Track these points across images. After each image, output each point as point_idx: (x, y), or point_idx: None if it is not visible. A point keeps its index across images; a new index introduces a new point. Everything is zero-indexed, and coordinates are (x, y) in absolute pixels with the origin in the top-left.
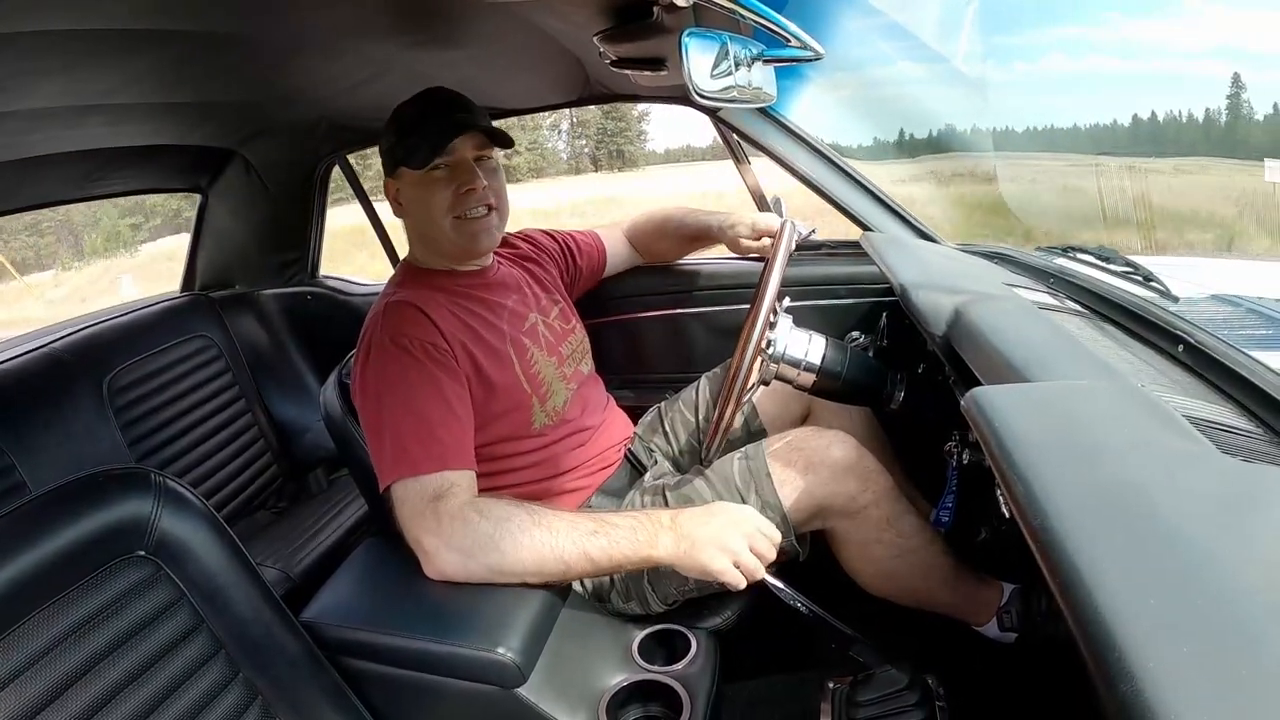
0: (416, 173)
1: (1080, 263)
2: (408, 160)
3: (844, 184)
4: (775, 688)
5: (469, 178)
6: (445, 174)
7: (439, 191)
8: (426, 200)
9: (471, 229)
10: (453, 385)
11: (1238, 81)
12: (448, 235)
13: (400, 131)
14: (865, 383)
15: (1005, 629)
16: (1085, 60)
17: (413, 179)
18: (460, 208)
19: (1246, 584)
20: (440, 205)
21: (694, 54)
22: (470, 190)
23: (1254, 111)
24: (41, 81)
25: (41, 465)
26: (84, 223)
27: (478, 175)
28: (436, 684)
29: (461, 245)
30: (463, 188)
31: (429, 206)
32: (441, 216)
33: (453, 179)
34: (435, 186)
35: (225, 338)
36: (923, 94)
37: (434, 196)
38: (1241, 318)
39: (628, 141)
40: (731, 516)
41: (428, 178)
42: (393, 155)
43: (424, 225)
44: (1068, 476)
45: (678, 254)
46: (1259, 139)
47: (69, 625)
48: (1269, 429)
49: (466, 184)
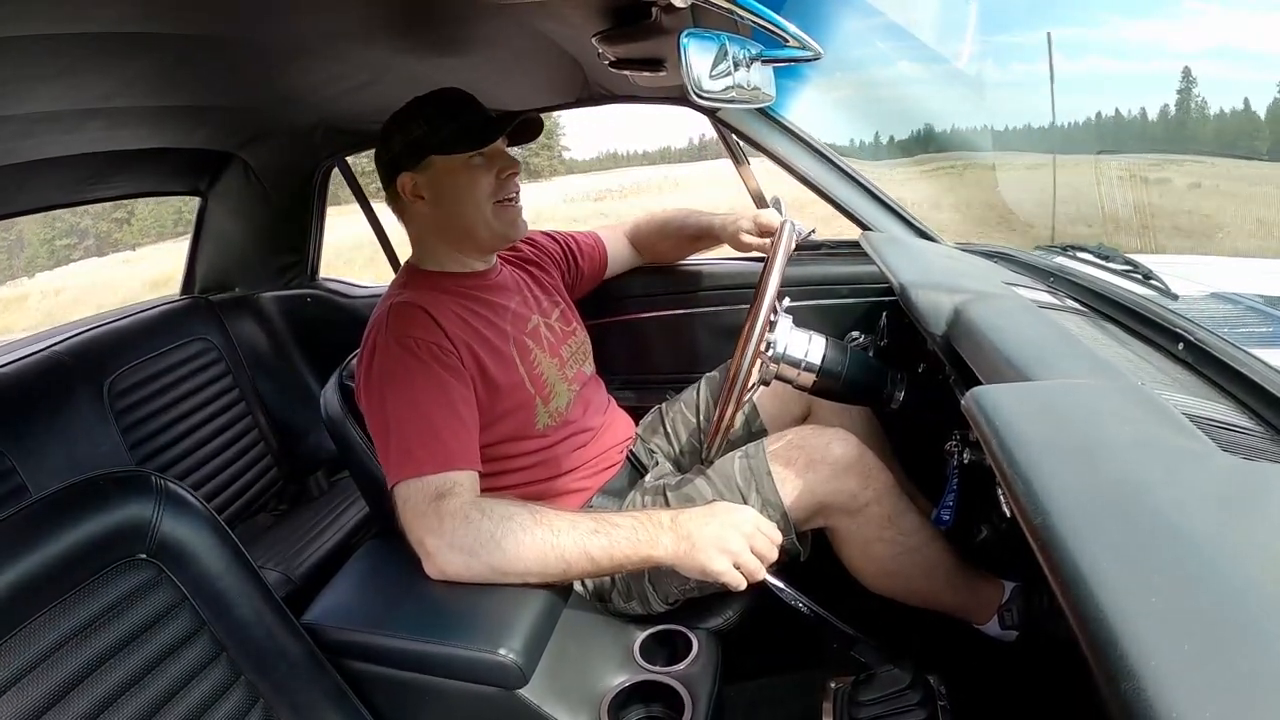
0: (454, 159)
1: (1080, 261)
2: (450, 147)
3: (843, 184)
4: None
5: (509, 162)
6: (483, 162)
7: (481, 177)
8: (467, 186)
9: (512, 214)
10: (458, 386)
11: (1188, 76)
12: (488, 221)
13: (433, 122)
14: (865, 382)
15: (1006, 627)
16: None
17: (449, 167)
18: (502, 192)
19: (1248, 581)
20: (484, 190)
21: (692, 54)
22: (512, 174)
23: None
24: (40, 85)
25: (42, 469)
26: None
27: (514, 160)
28: (438, 685)
29: (501, 231)
30: (504, 172)
31: (471, 192)
32: (484, 201)
33: (492, 165)
34: (476, 173)
35: (225, 340)
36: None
37: (476, 182)
38: (1241, 315)
39: (533, 154)
40: (732, 517)
41: (468, 164)
42: (421, 146)
43: (460, 213)
44: (1068, 475)
45: (679, 255)
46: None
47: (71, 629)
48: (1269, 426)
49: (509, 168)
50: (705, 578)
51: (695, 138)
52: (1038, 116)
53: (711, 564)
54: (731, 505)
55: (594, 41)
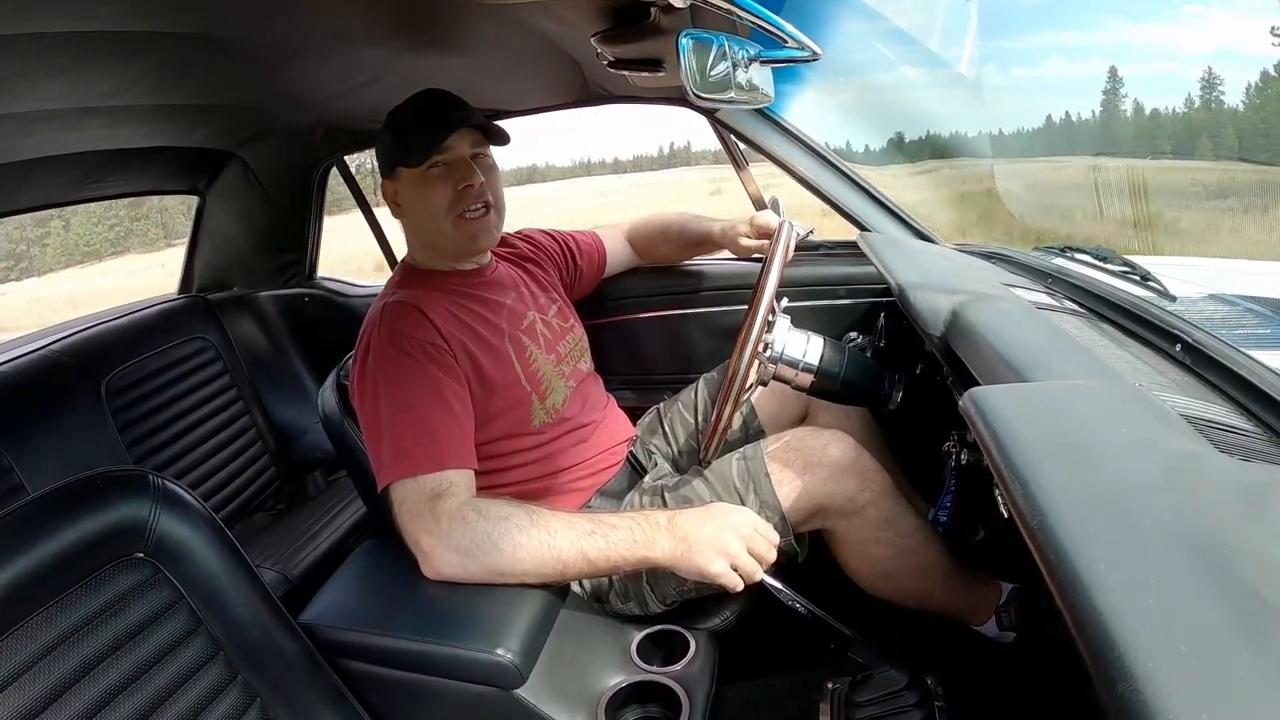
0: (414, 172)
1: (1078, 262)
2: (405, 159)
3: (841, 184)
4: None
5: (466, 174)
6: (443, 172)
7: (437, 190)
8: (425, 199)
9: (471, 228)
10: (452, 385)
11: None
12: (447, 234)
13: (397, 132)
14: (863, 383)
15: (1004, 628)
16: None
17: (411, 178)
18: (460, 205)
19: (1245, 583)
20: (440, 204)
21: (691, 55)
22: (468, 187)
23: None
24: (40, 83)
25: (40, 467)
26: None
27: (475, 172)
28: (435, 685)
29: (461, 244)
30: (461, 184)
31: (428, 205)
32: (441, 215)
33: (450, 176)
34: (434, 185)
35: (223, 339)
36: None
37: (433, 195)
38: (1239, 317)
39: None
40: (729, 519)
41: (426, 176)
42: (390, 156)
43: (423, 225)
44: (1066, 476)
45: (678, 258)
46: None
47: (68, 627)
48: (1267, 428)
49: (464, 180)
50: (702, 579)
51: (665, 146)
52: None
53: (709, 566)
54: (729, 506)
55: (593, 41)
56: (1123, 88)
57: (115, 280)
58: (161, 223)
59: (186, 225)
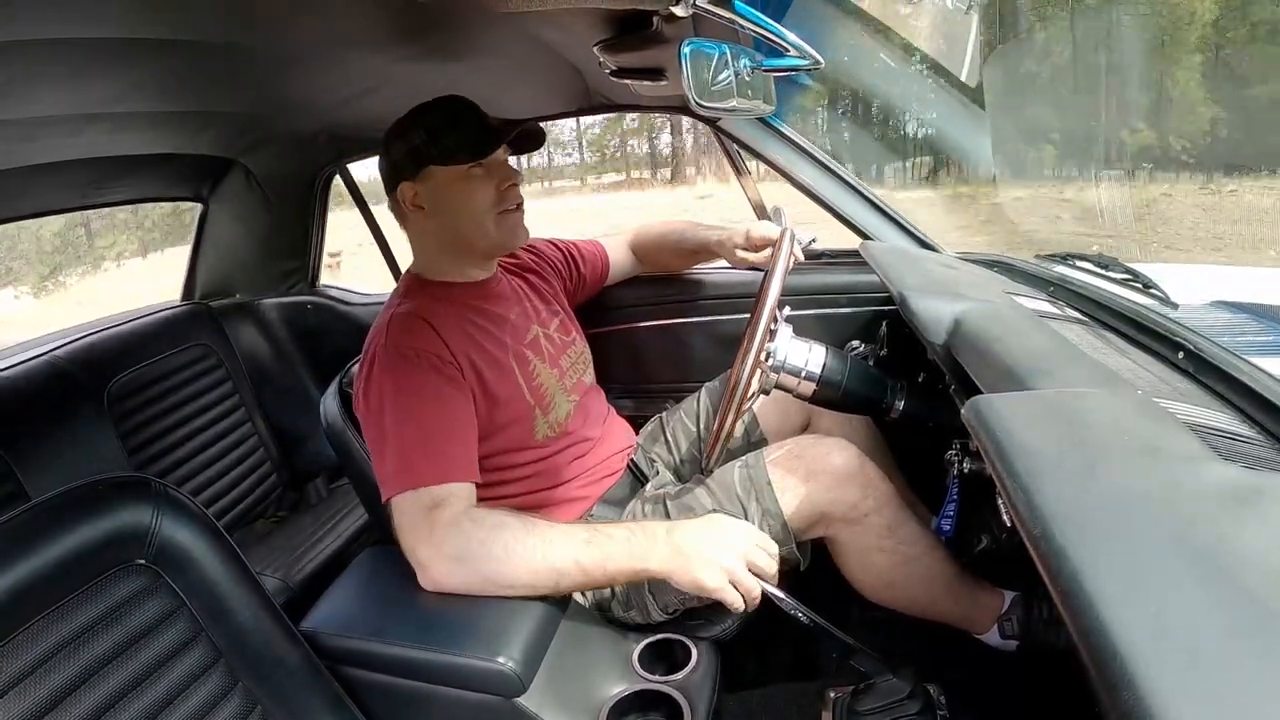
0: (453, 170)
1: (1079, 270)
2: (449, 157)
3: (843, 193)
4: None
5: (510, 173)
6: (483, 172)
7: (481, 188)
8: (467, 197)
9: (512, 223)
10: (457, 397)
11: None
12: (489, 231)
13: (433, 131)
14: (865, 392)
15: (1006, 637)
16: None
17: (448, 177)
18: (504, 203)
19: (1248, 591)
20: (484, 201)
21: (693, 64)
22: (513, 185)
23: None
24: (43, 89)
25: (41, 473)
26: None
27: (516, 171)
28: (436, 693)
29: (502, 240)
30: (505, 183)
31: (470, 203)
32: (485, 212)
33: (491, 176)
34: (476, 184)
35: (225, 347)
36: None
37: (477, 193)
38: (1241, 324)
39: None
40: (727, 534)
41: (468, 175)
42: (420, 155)
43: (461, 223)
44: (1069, 484)
45: (678, 267)
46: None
47: (68, 634)
48: (1269, 435)
49: (509, 179)
50: (699, 593)
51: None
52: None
53: (705, 580)
54: (728, 519)
55: (595, 50)
56: None
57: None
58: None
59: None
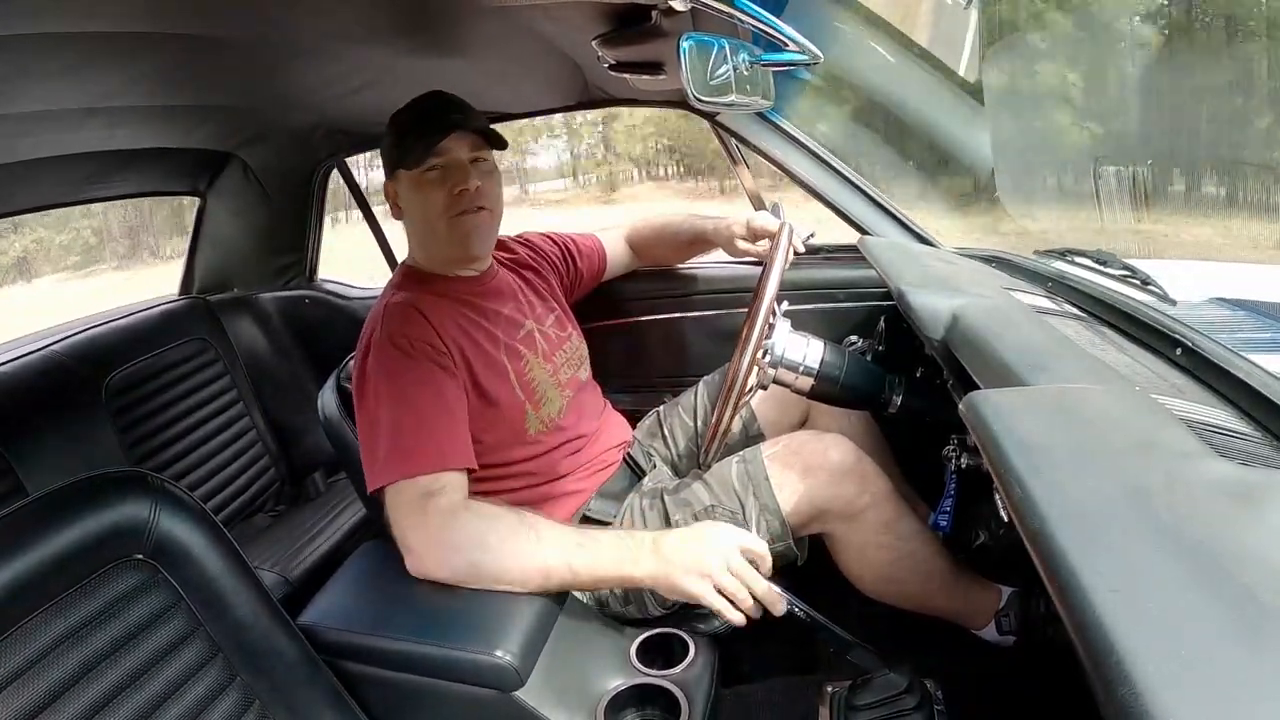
0: (412, 174)
1: (1078, 266)
2: (403, 161)
3: (842, 188)
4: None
5: (461, 178)
6: (439, 175)
7: (433, 192)
8: (422, 201)
9: (463, 229)
10: (451, 385)
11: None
12: (442, 236)
13: (398, 134)
14: (863, 387)
15: (1004, 632)
16: None
17: (409, 180)
18: (455, 208)
19: (1244, 587)
20: (435, 206)
21: (692, 58)
22: (463, 190)
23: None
24: (40, 84)
25: (39, 468)
26: None
27: (470, 175)
28: (434, 687)
29: (454, 246)
30: (456, 188)
31: (424, 207)
32: (436, 217)
33: (446, 179)
34: (429, 187)
35: (223, 341)
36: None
37: (429, 197)
38: (1239, 321)
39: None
40: (709, 541)
41: (423, 179)
42: (390, 157)
43: (420, 227)
44: (1066, 480)
45: (675, 259)
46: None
47: (66, 629)
48: (1267, 432)
49: (459, 184)
50: (686, 599)
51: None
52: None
53: (687, 587)
54: (715, 526)
55: (594, 44)
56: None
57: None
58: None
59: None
